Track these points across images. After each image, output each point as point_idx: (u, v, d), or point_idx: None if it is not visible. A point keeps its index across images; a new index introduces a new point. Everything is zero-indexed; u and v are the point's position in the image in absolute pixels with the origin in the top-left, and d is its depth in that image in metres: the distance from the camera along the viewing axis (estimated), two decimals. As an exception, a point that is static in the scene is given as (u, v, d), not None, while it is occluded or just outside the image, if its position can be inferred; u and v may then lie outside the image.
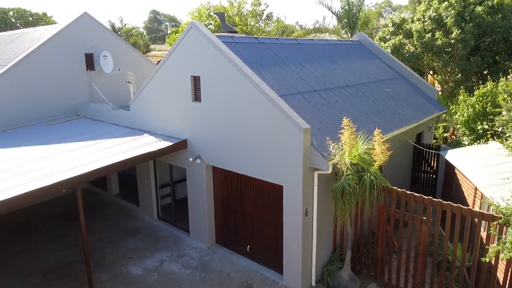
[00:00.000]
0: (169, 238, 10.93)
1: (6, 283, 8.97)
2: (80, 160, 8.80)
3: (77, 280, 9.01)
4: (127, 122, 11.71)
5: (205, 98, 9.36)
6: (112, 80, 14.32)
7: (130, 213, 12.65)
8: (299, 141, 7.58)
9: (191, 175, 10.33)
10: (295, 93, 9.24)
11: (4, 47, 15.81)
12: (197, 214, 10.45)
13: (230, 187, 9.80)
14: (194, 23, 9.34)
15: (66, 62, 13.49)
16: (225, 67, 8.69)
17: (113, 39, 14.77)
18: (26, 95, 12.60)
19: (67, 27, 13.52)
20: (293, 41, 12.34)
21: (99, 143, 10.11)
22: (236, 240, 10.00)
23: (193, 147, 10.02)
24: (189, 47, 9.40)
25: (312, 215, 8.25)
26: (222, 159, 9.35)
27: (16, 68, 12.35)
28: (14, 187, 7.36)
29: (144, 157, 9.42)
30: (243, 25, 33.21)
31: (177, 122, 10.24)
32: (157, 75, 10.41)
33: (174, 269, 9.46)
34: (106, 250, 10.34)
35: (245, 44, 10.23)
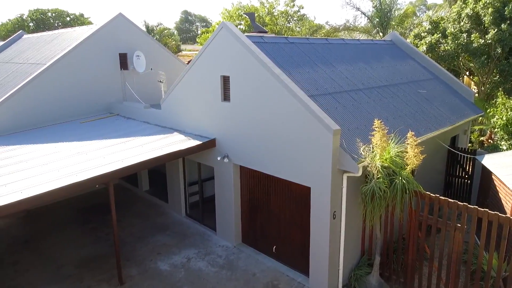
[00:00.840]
0: (196, 236, 11.08)
1: (41, 274, 9.38)
2: (113, 157, 9.07)
3: (107, 273, 9.29)
4: (158, 120, 11.96)
5: (234, 98, 9.41)
6: (144, 79, 14.67)
7: (160, 209, 12.92)
8: (328, 142, 7.47)
9: (219, 174, 10.42)
10: (325, 94, 9.12)
11: (43, 47, 16.53)
12: (224, 212, 10.53)
13: (257, 187, 9.81)
14: (225, 23, 9.41)
15: (101, 61, 13.93)
16: (254, 67, 8.70)
17: (146, 39, 15.13)
18: (63, 93, 13.11)
19: (103, 28, 13.96)
20: (324, 41, 12.18)
21: (131, 140, 10.38)
22: (262, 240, 10.00)
23: (221, 146, 10.10)
24: (219, 47, 9.48)
25: (340, 218, 8.12)
26: (250, 159, 9.37)
27: (54, 67, 12.88)
28: (51, 181, 7.68)
29: (173, 155, 9.59)
30: (273, 25, 33.18)
31: (206, 121, 10.35)
32: (188, 74, 10.56)
33: (200, 266, 9.58)
34: (136, 245, 10.61)
35: (275, 44, 10.20)
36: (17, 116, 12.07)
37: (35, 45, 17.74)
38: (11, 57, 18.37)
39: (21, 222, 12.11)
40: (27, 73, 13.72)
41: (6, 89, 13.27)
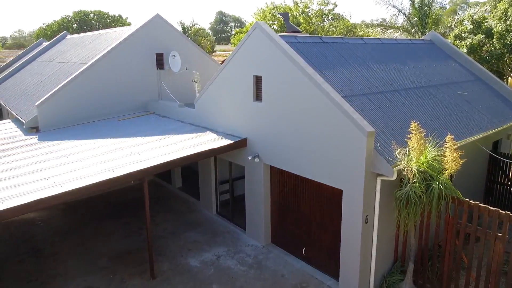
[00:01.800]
0: (226, 234, 11.19)
1: (78, 265, 9.81)
2: (148, 154, 9.33)
3: (140, 266, 9.57)
4: (192, 119, 12.18)
5: (266, 98, 9.41)
6: (179, 78, 14.98)
7: (191, 206, 13.15)
8: (362, 144, 7.31)
9: (250, 173, 10.46)
10: (359, 94, 8.93)
11: (85, 47, 17.28)
12: (254, 212, 10.56)
13: (287, 188, 9.76)
14: (259, 23, 9.43)
15: (139, 61, 14.36)
16: (287, 67, 8.66)
17: (182, 40, 15.44)
18: (102, 91, 13.64)
19: (141, 28, 14.38)
20: (359, 41, 11.93)
21: (166, 138, 10.64)
22: (292, 241, 9.94)
23: (252, 146, 10.13)
24: (252, 47, 9.51)
25: (373, 222, 7.92)
26: (281, 159, 9.34)
27: (94, 66, 13.42)
28: (90, 176, 8.01)
29: (206, 154, 9.73)
30: (307, 24, 32.90)
31: (238, 120, 10.42)
32: (221, 74, 10.68)
33: (230, 264, 9.66)
34: (168, 241, 10.86)
35: (309, 44, 10.11)
36: (59, 113, 12.68)
37: (78, 45, 18.58)
38: (55, 56, 19.35)
39: (61, 214, 12.72)
40: (70, 72, 14.39)
41: (50, 87, 13.98)
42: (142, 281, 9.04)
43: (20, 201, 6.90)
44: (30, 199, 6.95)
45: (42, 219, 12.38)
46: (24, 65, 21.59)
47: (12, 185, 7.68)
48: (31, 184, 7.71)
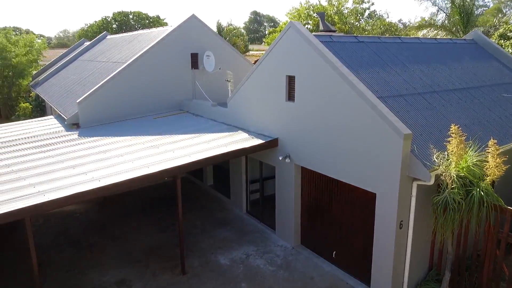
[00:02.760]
0: (256, 233, 11.21)
1: (113, 257, 10.17)
2: (182, 152, 9.51)
3: (171, 261, 9.78)
4: (224, 118, 12.30)
5: (298, 98, 9.33)
6: (213, 78, 15.17)
7: (222, 204, 13.30)
8: (398, 147, 7.08)
9: (280, 173, 10.42)
10: (396, 96, 8.66)
11: (124, 47, 17.88)
12: (284, 212, 10.51)
13: (318, 189, 9.64)
14: (293, 22, 9.37)
15: (174, 61, 14.68)
16: (321, 67, 8.54)
17: (216, 40, 15.62)
18: (139, 90, 14.05)
19: (177, 29, 14.69)
20: (397, 40, 11.58)
21: (199, 136, 10.81)
22: (322, 244, 9.81)
23: (283, 146, 10.09)
24: (286, 46, 9.47)
25: (408, 228, 7.66)
26: (312, 160, 9.23)
27: (132, 65, 13.85)
28: (126, 172, 8.28)
29: (237, 153, 9.79)
30: (342, 24, 32.35)
31: (270, 120, 10.41)
32: (254, 74, 10.71)
33: (259, 264, 9.67)
34: (199, 237, 11.03)
35: (344, 44, 9.93)
36: (98, 110, 13.19)
37: (117, 45, 19.25)
38: (96, 55, 20.16)
39: (98, 208, 13.25)
40: (109, 71, 14.94)
41: (90, 85, 14.58)
42: (173, 275, 9.23)
43: (60, 194, 7.24)
44: (69, 193, 7.28)
45: (80, 211, 12.94)
46: (66, 64, 22.66)
47: (54, 179, 8.07)
48: (71, 178, 8.07)
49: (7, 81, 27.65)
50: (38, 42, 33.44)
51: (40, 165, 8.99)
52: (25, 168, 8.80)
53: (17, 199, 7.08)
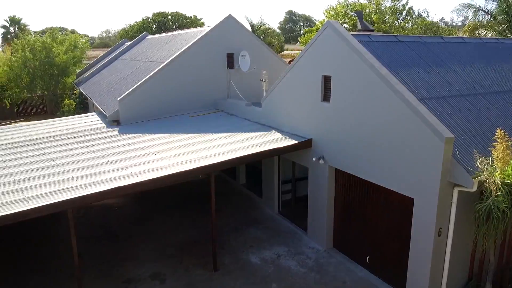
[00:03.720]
0: (287, 234, 11.17)
1: (149, 251, 10.48)
2: (216, 150, 9.65)
3: (203, 258, 9.94)
4: (258, 118, 12.34)
5: (334, 99, 9.19)
6: (247, 78, 15.25)
7: (254, 203, 13.36)
8: (438, 151, 6.81)
9: (313, 175, 10.32)
10: (437, 97, 8.33)
11: (162, 47, 18.37)
12: (316, 214, 10.40)
13: (352, 192, 9.45)
14: (330, 22, 9.24)
15: (210, 60, 14.90)
16: (359, 67, 8.37)
17: (252, 40, 15.69)
18: (176, 89, 14.38)
19: (213, 29, 14.90)
20: (439, 39, 11.13)
21: (233, 136, 10.91)
22: (355, 248, 9.61)
23: (317, 147, 9.97)
24: (322, 46, 9.35)
25: (447, 236, 7.34)
26: (347, 162, 9.07)
27: (170, 65, 14.20)
28: (163, 169, 8.50)
29: (270, 153, 9.80)
30: (380, 23, 31.50)
31: (304, 121, 10.33)
32: (289, 74, 10.66)
33: (290, 265, 9.62)
34: (230, 235, 11.14)
35: (383, 43, 9.67)
36: (138, 108, 13.63)
37: (156, 45, 19.81)
38: (136, 55, 20.85)
39: (134, 202, 13.70)
40: (148, 70, 15.40)
41: (130, 84, 15.10)
42: (205, 272, 9.38)
43: (101, 188, 7.55)
44: (109, 187, 7.58)
45: (118, 205, 13.45)
46: (108, 63, 23.60)
47: (95, 173, 8.44)
48: (111, 173, 8.40)
49: (53, 79, 29.20)
50: (82, 41, 35.08)
51: (83, 160, 9.42)
52: (68, 162, 9.26)
53: (61, 191, 7.46)
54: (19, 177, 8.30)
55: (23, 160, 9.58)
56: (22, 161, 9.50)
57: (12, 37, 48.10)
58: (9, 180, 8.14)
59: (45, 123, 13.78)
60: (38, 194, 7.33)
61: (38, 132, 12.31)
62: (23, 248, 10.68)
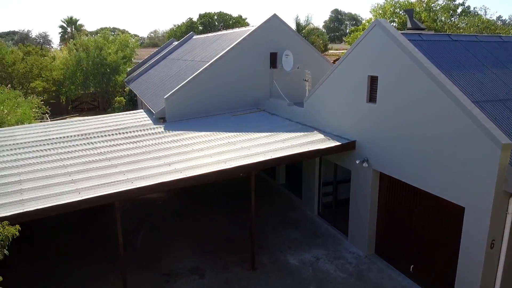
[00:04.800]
0: (327, 237, 10.97)
1: (188, 246, 10.73)
2: (257, 149, 9.67)
3: (241, 256, 10.01)
4: (300, 118, 12.22)
5: (380, 100, 8.88)
6: (290, 77, 15.16)
7: (293, 204, 13.26)
8: (494, 158, 6.36)
9: (356, 178, 10.04)
10: (493, 100, 7.79)
11: (208, 46, 18.73)
12: (358, 219, 10.11)
13: (398, 197, 9.08)
14: (379, 20, 8.94)
15: (254, 60, 14.97)
16: (408, 67, 8.02)
17: (296, 39, 15.57)
18: (220, 88, 14.60)
19: (258, 29, 14.94)
20: (497, 39, 10.41)
21: (274, 135, 10.88)
22: (398, 255, 9.23)
23: (361, 149, 9.69)
24: (370, 45, 9.06)
25: (500, 248, 6.85)
26: (392, 166, 8.72)
27: (214, 64, 14.43)
28: (205, 166, 8.66)
29: (312, 154, 9.66)
30: (431, 21, 30.05)
31: (348, 122, 10.08)
32: (333, 74, 10.45)
33: (329, 268, 9.44)
34: (269, 235, 11.14)
35: (435, 42, 9.21)
36: (183, 106, 13.99)
37: (202, 45, 20.25)
38: (183, 55, 21.43)
39: (176, 197, 14.10)
40: (193, 69, 15.77)
41: (176, 82, 15.53)
42: (243, 270, 9.44)
43: (146, 182, 7.84)
44: (154, 182, 7.84)
45: (162, 200, 13.90)
46: (156, 62, 24.47)
47: (141, 168, 8.77)
48: (156, 168, 8.69)
49: (105, 77, 30.80)
50: (132, 41, 36.70)
51: (130, 155, 9.82)
52: (117, 157, 9.70)
53: (109, 184, 7.82)
54: (72, 169, 8.81)
55: (76, 153, 10.17)
56: (74, 154, 10.09)
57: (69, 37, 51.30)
58: (63, 172, 8.67)
59: (97, 119, 14.55)
60: (88, 186, 7.74)
61: (90, 127, 13.01)
62: (73, 237, 11.34)
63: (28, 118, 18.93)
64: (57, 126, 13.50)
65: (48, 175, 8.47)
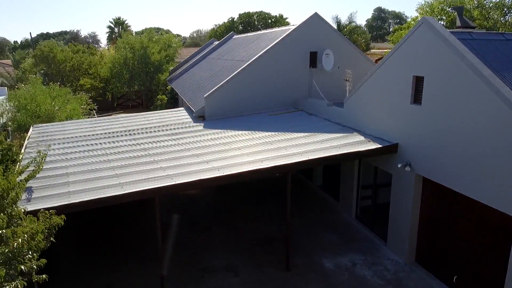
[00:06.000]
0: (364, 242, 10.67)
1: (224, 243, 10.86)
2: (294, 150, 9.59)
3: (275, 256, 9.97)
4: (339, 118, 11.97)
5: (426, 101, 8.50)
6: (330, 77, 14.90)
7: (330, 206, 13.03)
8: (552, 166, 5.88)
9: (397, 182, 9.68)
10: (553, 104, 7.19)
11: (247, 46, 18.83)
12: (398, 225, 9.75)
13: (442, 204, 8.65)
14: (426, 18, 8.55)
15: (293, 59, 14.86)
16: (457, 68, 7.60)
17: (337, 38, 15.27)
18: (258, 87, 14.63)
19: (298, 28, 14.80)
20: (559, 37, 9.61)
21: (312, 136, 10.74)
22: (441, 265, 8.80)
23: (403, 152, 9.33)
24: (416, 44, 8.70)
25: (557, 264, 6.33)
26: (437, 171, 8.32)
27: (253, 64, 14.47)
28: (242, 165, 8.72)
29: (351, 156, 9.45)
30: (483, 19, 28.36)
31: (390, 124, 9.73)
32: (376, 73, 10.14)
33: (366, 274, 9.18)
34: (304, 237, 11.01)
35: (487, 42, 8.67)
36: (222, 105, 14.17)
37: (241, 44, 20.40)
38: (223, 54, 21.71)
39: (214, 195, 14.30)
40: (233, 68, 15.92)
41: (216, 81, 15.76)
42: (277, 270, 9.41)
43: (185, 179, 8.01)
44: (193, 179, 8.00)
45: (200, 196, 14.16)
46: (197, 62, 24.97)
47: (181, 164, 8.97)
48: (195, 166, 8.86)
49: (149, 75, 31.89)
50: (175, 41, 37.73)
51: (170, 151, 10.09)
52: (158, 153, 9.99)
53: (150, 179, 8.07)
54: (115, 164, 9.18)
55: (120, 148, 10.59)
56: (118, 149, 10.51)
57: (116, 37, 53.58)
58: (107, 166, 9.06)
59: (140, 116, 15.09)
60: (131, 180, 8.04)
61: (134, 123, 13.52)
62: (115, 229, 11.83)
63: (77, 114, 19.99)
64: (103, 122, 14.16)
65: (94, 169, 8.89)
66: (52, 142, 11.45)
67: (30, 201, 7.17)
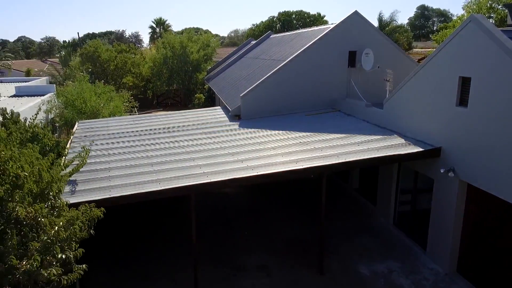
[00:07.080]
0: (402, 248, 10.29)
1: (256, 242, 10.88)
2: (330, 151, 9.41)
3: (308, 258, 9.84)
4: (378, 120, 11.61)
5: (473, 103, 8.04)
6: (369, 77, 14.50)
7: (366, 210, 12.68)
8: None
9: (439, 188, 9.24)
10: None
11: (284, 45, 18.73)
12: (439, 232, 9.30)
13: (487, 213, 8.16)
14: (474, 16, 8.09)
15: (331, 59, 14.59)
16: (508, 68, 7.12)
17: (378, 37, 14.83)
18: (295, 87, 14.49)
19: (336, 27, 14.51)
20: None
21: (349, 137, 10.49)
22: (484, 277, 8.30)
23: (447, 157, 8.88)
24: (463, 43, 8.25)
25: None
26: (484, 178, 7.85)
27: (289, 64, 14.34)
28: (277, 165, 8.68)
29: (390, 159, 9.14)
30: (538, 16, 26.43)
31: (432, 127, 9.31)
32: (418, 74, 9.73)
33: (403, 283, 8.84)
34: (339, 240, 10.79)
35: (544, 40, 8.05)
36: (257, 104, 14.18)
37: (279, 44, 20.33)
38: (260, 54, 21.74)
39: (248, 193, 14.36)
40: (269, 68, 15.88)
41: (252, 81, 15.79)
42: (310, 274, 9.28)
43: (220, 177, 8.09)
44: (228, 177, 8.06)
45: (234, 195, 14.27)
46: (235, 61, 25.18)
47: (216, 163, 9.07)
48: (229, 164, 8.92)
49: (187, 74, 32.61)
50: (213, 40, 38.30)
51: (206, 149, 10.23)
52: (195, 151, 10.16)
53: (186, 176, 8.22)
54: (154, 160, 9.44)
55: (159, 145, 10.88)
56: (157, 146, 10.80)
57: (157, 37, 55.25)
58: (146, 162, 9.33)
59: (178, 114, 15.43)
60: (168, 177, 8.23)
61: (173, 121, 13.85)
62: (151, 224, 12.17)
63: (119, 111, 20.80)
64: (143, 120, 14.63)
65: (134, 165, 9.19)
66: (95, 137, 11.97)
67: (74, 193, 7.53)
